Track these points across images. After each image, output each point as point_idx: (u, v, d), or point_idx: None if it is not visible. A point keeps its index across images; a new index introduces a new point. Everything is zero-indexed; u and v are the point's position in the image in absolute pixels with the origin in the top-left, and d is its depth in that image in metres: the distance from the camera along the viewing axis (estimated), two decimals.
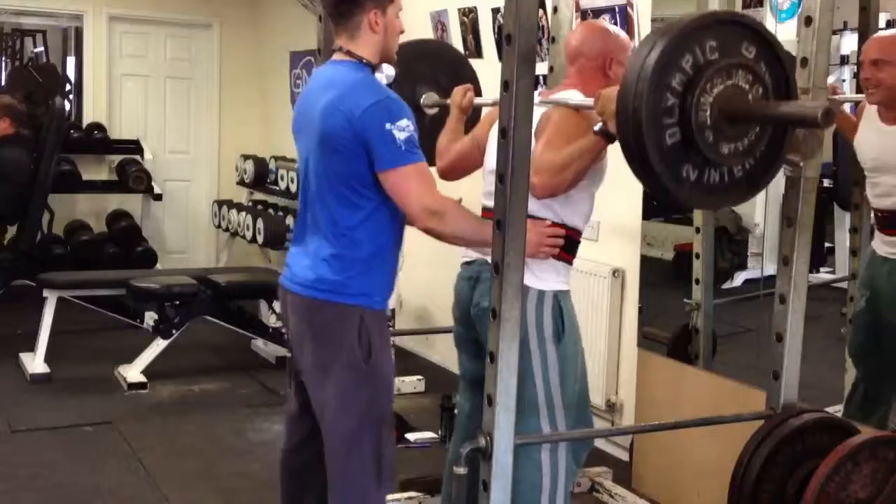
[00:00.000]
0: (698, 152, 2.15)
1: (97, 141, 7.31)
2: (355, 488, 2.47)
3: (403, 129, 2.30)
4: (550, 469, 2.60)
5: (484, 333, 2.59)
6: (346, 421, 2.44)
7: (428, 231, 2.34)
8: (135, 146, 7.47)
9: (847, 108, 3.69)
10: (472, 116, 3.07)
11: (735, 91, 2.14)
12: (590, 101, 2.52)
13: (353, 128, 2.31)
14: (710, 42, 2.12)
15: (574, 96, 2.64)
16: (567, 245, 2.65)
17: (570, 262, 2.69)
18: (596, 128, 2.43)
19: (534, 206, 2.37)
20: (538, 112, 2.56)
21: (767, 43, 2.23)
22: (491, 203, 2.57)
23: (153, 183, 7.21)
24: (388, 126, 2.29)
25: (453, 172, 2.96)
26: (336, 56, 2.50)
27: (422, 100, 3.21)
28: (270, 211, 6.88)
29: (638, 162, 2.14)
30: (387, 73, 2.53)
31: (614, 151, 2.34)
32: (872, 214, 3.15)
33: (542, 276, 2.59)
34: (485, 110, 3.06)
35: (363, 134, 2.31)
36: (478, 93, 3.13)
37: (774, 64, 2.24)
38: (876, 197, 3.09)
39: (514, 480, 2.53)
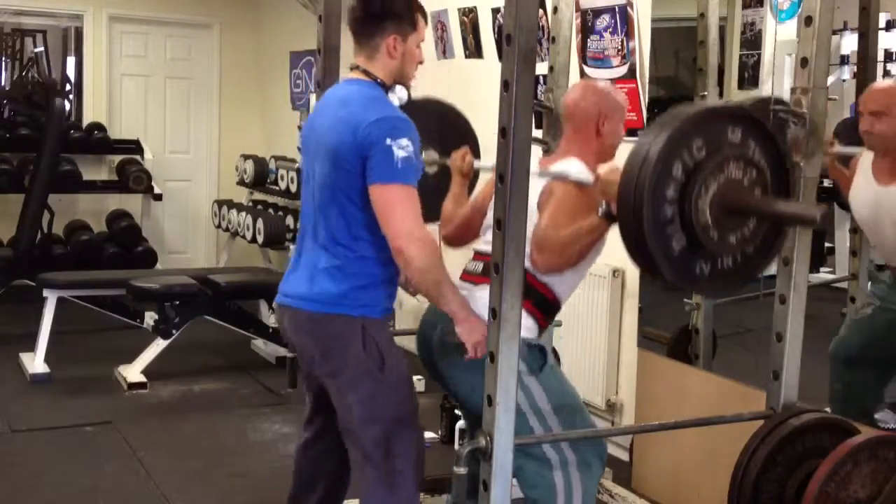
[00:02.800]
0: (707, 250, 2.16)
1: (97, 141, 7.31)
2: (381, 491, 2.48)
3: (403, 147, 2.31)
4: (564, 488, 2.59)
5: (448, 372, 2.59)
6: (372, 428, 2.46)
7: (399, 252, 2.33)
8: (135, 146, 7.47)
9: (847, 110, 3.70)
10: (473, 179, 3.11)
11: (731, 185, 2.13)
12: (590, 178, 2.56)
13: (356, 140, 2.33)
14: (696, 142, 2.11)
15: (573, 166, 2.66)
16: (544, 308, 2.64)
17: (542, 326, 2.66)
18: (600, 211, 2.45)
19: (527, 264, 2.41)
20: (539, 184, 2.61)
21: (749, 119, 2.21)
22: (486, 248, 2.57)
23: (153, 183, 7.21)
24: (388, 142, 2.30)
25: (458, 240, 2.95)
26: (351, 74, 2.54)
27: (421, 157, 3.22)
28: (270, 211, 6.88)
29: (649, 270, 2.17)
30: (399, 94, 2.54)
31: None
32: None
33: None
34: (484, 174, 3.08)
35: (365, 146, 2.33)
36: (476, 153, 3.15)
37: (762, 138, 2.22)
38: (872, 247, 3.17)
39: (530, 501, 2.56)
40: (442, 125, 3.23)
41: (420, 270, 2.34)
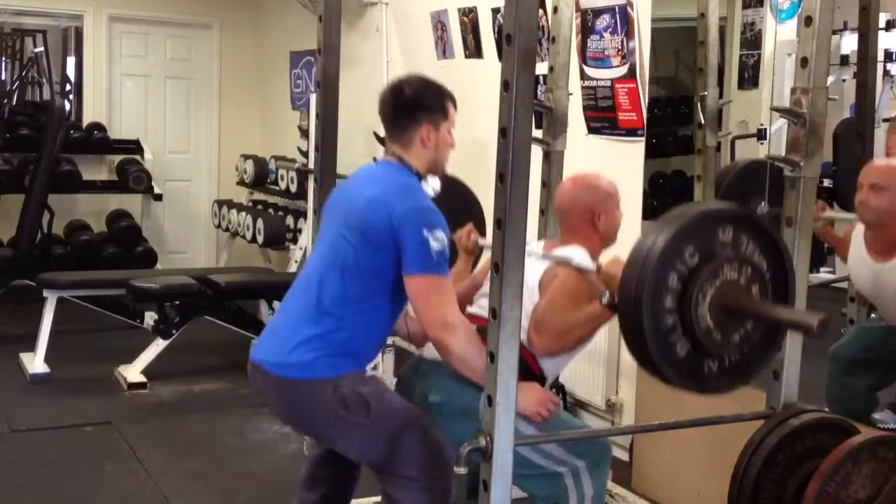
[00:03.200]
0: (711, 352, 2.17)
1: (97, 141, 7.31)
2: (415, 496, 2.49)
3: (439, 239, 2.37)
4: (576, 490, 2.60)
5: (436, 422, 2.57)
6: (388, 461, 2.48)
7: (437, 342, 2.40)
8: (135, 146, 7.47)
9: (847, 110, 3.71)
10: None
11: (728, 287, 2.13)
12: (591, 267, 2.60)
13: (391, 224, 2.38)
14: (688, 249, 2.12)
15: (577, 253, 2.69)
16: (527, 379, 2.60)
17: None
18: (604, 300, 2.47)
19: (523, 337, 2.44)
20: (541, 265, 2.65)
21: (738, 216, 2.20)
22: (480, 311, 2.64)
23: (153, 183, 7.21)
24: (425, 233, 2.36)
25: None
26: (387, 157, 2.59)
27: None
28: (270, 211, 6.87)
29: (657, 376, 2.18)
30: (433, 185, 2.60)
31: (612, 153, 2.35)
32: None
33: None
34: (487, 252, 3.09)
35: (400, 233, 2.38)
36: (482, 230, 3.16)
37: (754, 232, 2.21)
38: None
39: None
40: (447, 198, 3.25)
41: (460, 358, 2.39)
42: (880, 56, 3.56)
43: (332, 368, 2.43)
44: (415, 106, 2.53)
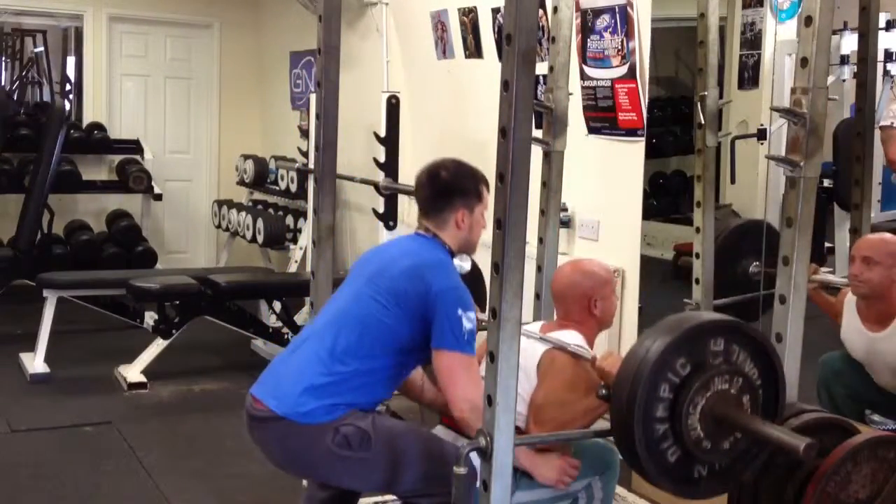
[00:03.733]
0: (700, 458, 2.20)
1: (97, 141, 7.31)
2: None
3: (471, 320, 2.45)
4: (587, 496, 2.73)
5: None
6: (400, 485, 2.51)
7: (463, 422, 2.43)
8: (135, 146, 7.47)
9: (847, 110, 3.71)
10: None
11: (719, 397, 2.15)
12: (587, 354, 2.64)
13: (428, 298, 2.45)
14: (679, 360, 2.14)
15: (574, 339, 2.72)
16: None
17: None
18: (601, 393, 2.48)
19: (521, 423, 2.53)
20: (537, 350, 2.68)
21: (730, 328, 2.21)
22: None
23: (153, 183, 7.21)
24: (460, 312, 2.44)
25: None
26: (421, 231, 2.66)
27: None
28: (270, 211, 6.88)
29: (649, 481, 2.20)
30: (463, 264, 2.67)
31: (612, 153, 2.35)
32: None
33: None
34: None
35: (435, 308, 2.44)
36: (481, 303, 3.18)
37: (746, 342, 2.22)
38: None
39: None
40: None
41: (472, 428, 2.39)
42: (880, 56, 3.56)
43: (328, 414, 2.45)
44: (451, 191, 2.61)
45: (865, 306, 3.16)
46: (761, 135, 3.95)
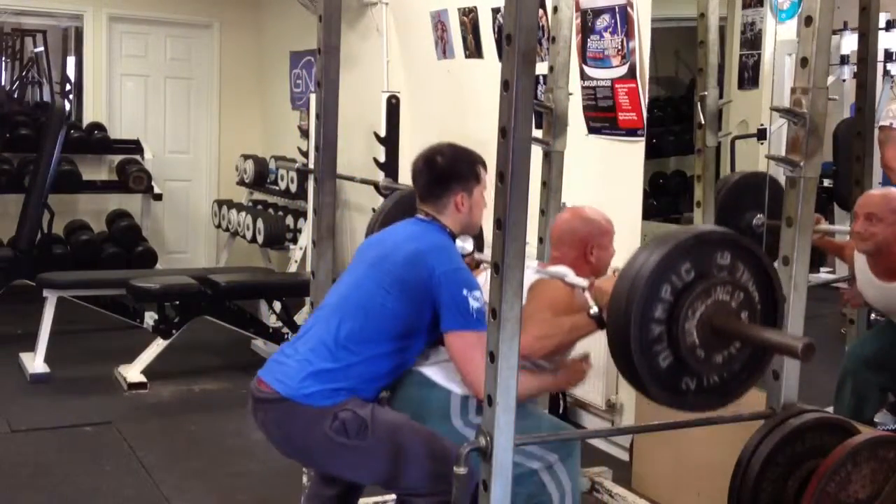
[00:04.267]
0: (692, 369, 2.19)
1: (97, 141, 7.31)
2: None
3: (477, 299, 2.46)
4: (556, 486, 2.64)
5: None
6: (396, 479, 2.51)
7: (479, 395, 2.39)
8: (135, 146, 7.47)
9: (847, 110, 3.71)
10: None
11: (718, 307, 2.16)
12: (584, 282, 2.65)
13: (431, 283, 2.47)
14: (685, 265, 2.14)
15: (570, 272, 2.74)
16: None
17: None
18: (592, 311, 2.50)
19: None
20: (532, 277, 2.69)
21: (739, 245, 2.22)
22: None
23: (153, 183, 7.22)
24: (465, 292, 2.44)
25: None
26: (422, 216, 2.67)
27: None
28: (270, 211, 6.88)
29: (636, 386, 2.20)
30: (465, 245, 2.67)
31: (612, 153, 2.35)
32: None
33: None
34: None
35: (439, 292, 2.46)
36: (479, 246, 3.19)
37: (752, 262, 2.24)
38: None
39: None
40: None
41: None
42: (880, 56, 3.55)
43: (330, 398, 2.45)
44: (448, 176, 2.62)
45: (873, 262, 3.13)
46: (761, 135, 3.95)
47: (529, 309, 2.59)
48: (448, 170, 2.63)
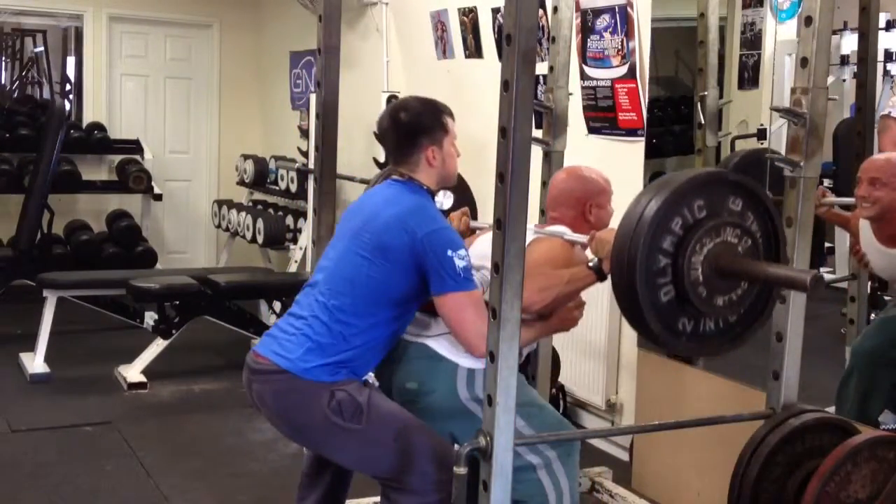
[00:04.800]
0: (693, 307, 2.20)
1: (97, 141, 7.31)
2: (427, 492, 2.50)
3: (462, 258, 2.43)
4: (552, 485, 2.62)
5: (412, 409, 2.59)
6: (382, 469, 2.51)
7: (477, 351, 2.41)
8: (135, 146, 7.47)
9: (847, 110, 3.70)
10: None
11: (725, 248, 2.19)
12: (583, 238, 2.63)
13: (414, 247, 2.44)
14: (698, 202, 2.18)
15: (568, 231, 2.74)
16: None
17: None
18: (591, 262, 2.50)
19: None
20: (530, 237, 2.63)
21: (753, 194, 2.26)
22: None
23: (153, 183, 7.21)
24: (449, 253, 2.41)
25: None
26: (397, 177, 2.63)
27: None
28: (270, 211, 6.87)
29: (634, 319, 2.21)
30: (444, 201, 2.70)
31: (612, 153, 2.35)
32: None
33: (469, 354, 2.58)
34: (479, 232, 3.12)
35: (423, 256, 2.43)
36: (474, 216, 3.20)
37: (761, 213, 2.28)
38: None
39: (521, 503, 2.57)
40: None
41: None
42: (880, 56, 3.55)
43: (330, 374, 2.45)
44: (415, 131, 2.58)
45: (877, 228, 3.12)
46: (761, 135, 3.95)
47: (529, 265, 2.55)
48: (414, 125, 2.58)
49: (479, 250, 2.68)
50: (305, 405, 2.46)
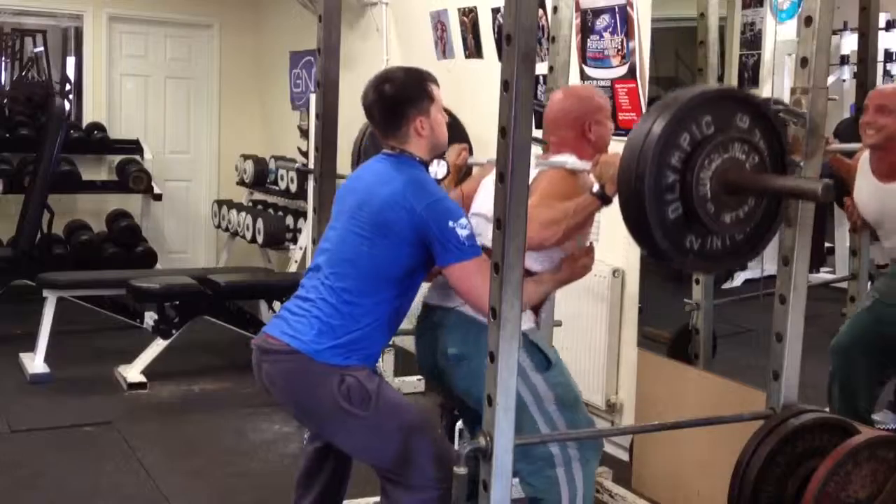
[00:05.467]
0: (701, 224, 2.21)
1: (97, 141, 7.31)
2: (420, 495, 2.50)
3: (464, 226, 2.42)
4: (567, 484, 2.61)
5: (457, 383, 2.62)
6: (383, 459, 2.51)
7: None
8: (135, 146, 7.47)
9: (847, 110, 3.70)
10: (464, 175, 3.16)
11: (733, 163, 2.20)
12: (586, 165, 2.59)
13: (414, 222, 2.42)
14: (706, 118, 2.18)
15: (570, 159, 2.70)
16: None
17: (537, 312, 2.73)
18: (594, 189, 2.48)
19: None
20: (534, 172, 2.62)
21: (759, 111, 2.27)
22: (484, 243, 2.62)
23: (153, 183, 7.21)
24: (451, 224, 2.40)
25: None
26: (388, 151, 2.62)
27: None
28: (270, 211, 6.87)
29: (642, 236, 2.21)
30: (439, 169, 2.64)
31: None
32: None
33: None
34: (476, 169, 3.11)
35: (426, 228, 2.42)
36: (470, 152, 3.20)
37: (768, 130, 2.29)
38: (881, 244, 3.21)
39: (535, 500, 2.58)
40: None
41: None
42: (880, 56, 3.55)
43: (342, 357, 2.45)
44: (401, 102, 2.56)
45: (877, 158, 3.10)
46: None
47: (535, 198, 2.54)
48: (399, 96, 2.56)
49: (483, 202, 2.67)
50: (316, 387, 2.46)
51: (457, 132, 3.34)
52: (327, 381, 2.44)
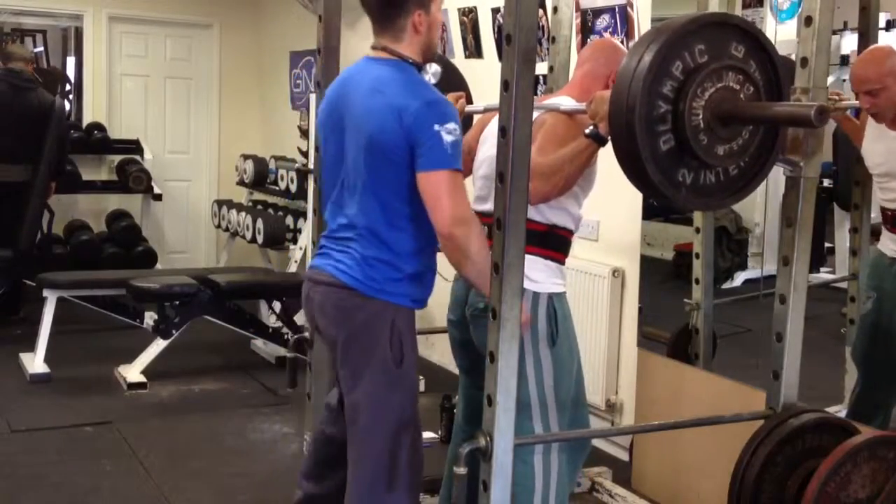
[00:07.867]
0: (693, 156, 2.16)
1: (97, 141, 7.31)
2: (380, 490, 2.46)
3: (451, 132, 2.29)
4: (543, 472, 2.60)
5: (478, 335, 2.62)
6: (379, 428, 2.45)
7: (452, 238, 2.29)
8: (135, 146, 7.47)
9: (848, 110, 3.70)
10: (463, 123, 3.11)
11: (726, 93, 2.15)
12: (582, 106, 2.57)
13: (403, 128, 2.30)
14: (699, 46, 2.13)
15: (566, 102, 2.69)
16: (558, 244, 2.67)
17: (562, 262, 2.71)
18: (587, 130, 2.45)
19: None
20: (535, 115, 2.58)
21: (756, 41, 2.23)
22: (482, 207, 2.62)
23: (153, 183, 7.21)
24: (436, 127, 2.28)
25: None
26: (377, 54, 2.50)
27: None
28: (270, 211, 6.87)
29: (633, 170, 2.17)
30: (433, 72, 2.56)
31: (609, 152, 2.35)
32: (881, 214, 3.18)
33: (535, 278, 2.57)
34: (476, 117, 3.09)
35: (412, 134, 2.29)
36: (468, 101, 3.16)
37: (764, 62, 2.25)
38: (886, 200, 3.13)
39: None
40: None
41: (472, 260, 2.30)
42: None
43: (398, 296, 2.40)
44: None
45: (891, 122, 3.07)
46: None
47: (535, 149, 2.47)
48: None
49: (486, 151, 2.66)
50: (368, 322, 2.39)
51: (454, 80, 3.32)
52: (381, 317, 2.38)
